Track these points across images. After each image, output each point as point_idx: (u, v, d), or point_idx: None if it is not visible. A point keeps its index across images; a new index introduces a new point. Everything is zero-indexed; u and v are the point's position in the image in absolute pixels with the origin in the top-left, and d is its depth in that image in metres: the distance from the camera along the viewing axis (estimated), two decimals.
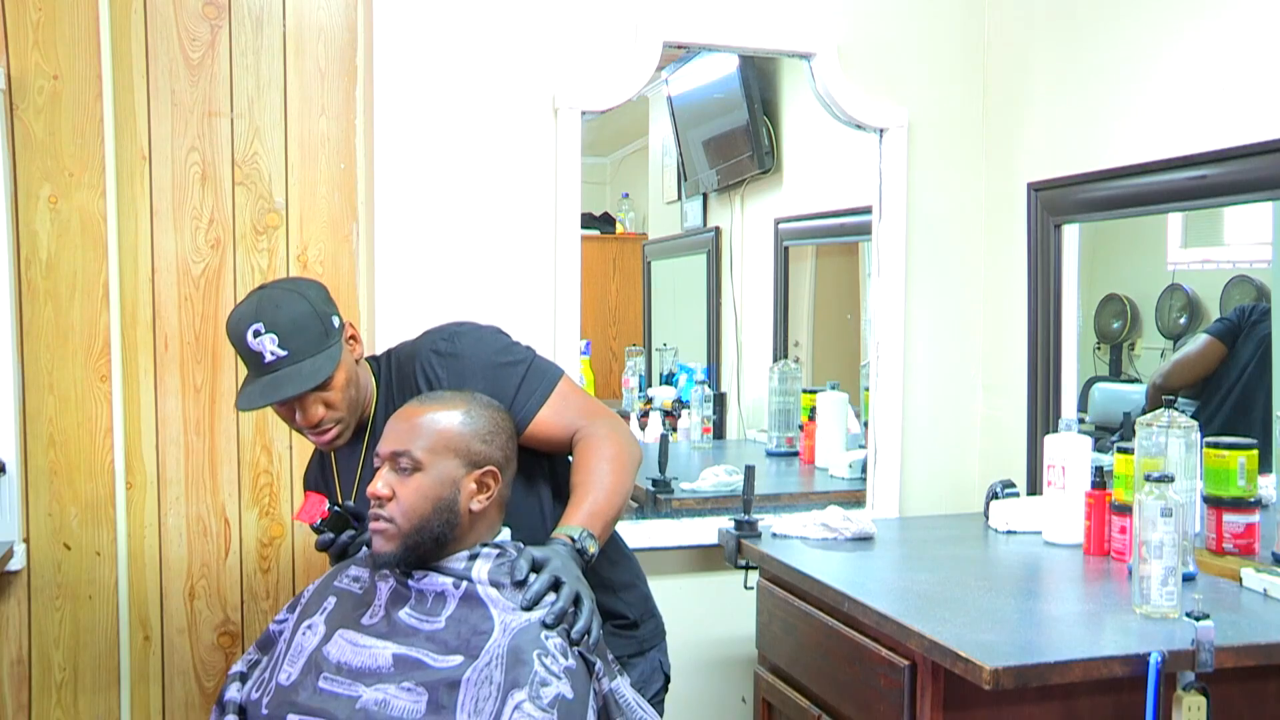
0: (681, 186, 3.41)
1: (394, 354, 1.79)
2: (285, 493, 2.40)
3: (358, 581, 1.59)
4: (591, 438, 1.66)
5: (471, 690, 1.38)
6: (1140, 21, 2.12)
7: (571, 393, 1.72)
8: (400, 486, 1.50)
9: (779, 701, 2.03)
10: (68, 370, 2.26)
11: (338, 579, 1.61)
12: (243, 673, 1.61)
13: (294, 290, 1.66)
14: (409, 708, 1.38)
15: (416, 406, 1.56)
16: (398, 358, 1.76)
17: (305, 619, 1.56)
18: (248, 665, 1.63)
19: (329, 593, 1.59)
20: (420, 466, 1.51)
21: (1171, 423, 1.83)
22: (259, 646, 1.65)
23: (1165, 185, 2.04)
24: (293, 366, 1.61)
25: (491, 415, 1.59)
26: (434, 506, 1.50)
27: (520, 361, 1.71)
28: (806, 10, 2.41)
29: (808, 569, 1.90)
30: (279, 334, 1.61)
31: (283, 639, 1.58)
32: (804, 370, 3.02)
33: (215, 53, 2.32)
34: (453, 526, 1.52)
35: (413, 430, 1.52)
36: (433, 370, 1.69)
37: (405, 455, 1.51)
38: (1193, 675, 1.49)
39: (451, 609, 1.48)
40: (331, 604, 1.57)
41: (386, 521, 1.50)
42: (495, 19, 2.25)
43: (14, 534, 2.20)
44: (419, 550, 1.51)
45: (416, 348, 1.74)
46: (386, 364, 1.78)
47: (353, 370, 1.69)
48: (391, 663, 1.43)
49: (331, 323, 1.66)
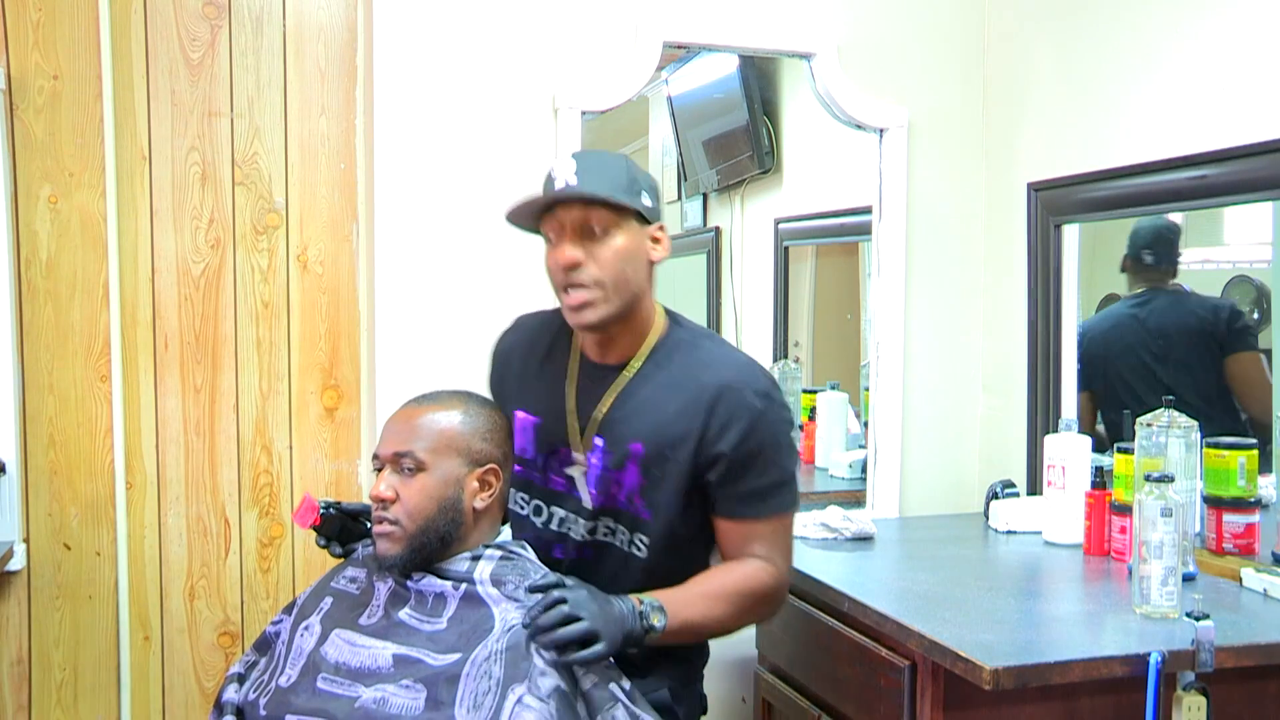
0: (681, 186, 3.40)
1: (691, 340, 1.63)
2: (285, 493, 2.40)
3: (354, 582, 1.58)
4: (752, 568, 1.56)
5: (470, 685, 1.38)
6: (1140, 21, 2.12)
7: (784, 530, 1.61)
8: (404, 488, 1.50)
9: (779, 701, 2.03)
10: (68, 370, 2.25)
11: (334, 580, 1.61)
12: (240, 674, 1.61)
13: (623, 156, 1.59)
14: (407, 704, 1.38)
15: (415, 407, 1.56)
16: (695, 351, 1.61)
17: (302, 620, 1.56)
18: (245, 667, 1.63)
19: (325, 593, 1.59)
20: (423, 467, 1.51)
21: (1171, 423, 1.83)
22: (256, 648, 1.64)
23: (1165, 185, 2.04)
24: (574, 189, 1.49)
25: (490, 414, 1.59)
26: (439, 506, 1.51)
27: (781, 468, 1.58)
28: (806, 10, 2.41)
29: (808, 569, 1.89)
30: (580, 163, 1.51)
31: (280, 641, 1.57)
32: (804, 370, 3.02)
33: (215, 53, 2.32)
34: (457, 525, 1.53)
35: (413, 431, 1.52)
36: (730, 407, 1.53)
37: (408, 456, 1.51)
38: (1193, 675, 1.49)
39: (452, 609, 1.48)
40: (328, 604, 1.57)
41: (391, 524, 1.50)
42: (495, 19, 2.25)
43: (14, 534, 2.20)
44: (425, 551, 1.51)
45: (726, 362, 1.59)
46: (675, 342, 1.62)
47: (638, 254, 1.54)
48: (392, 663, 1.43)
49: (640, 192, 1.53)
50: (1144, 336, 2.24)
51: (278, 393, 2.38)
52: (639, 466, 1.57)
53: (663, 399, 1.57)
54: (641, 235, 1.55)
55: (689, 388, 1.56)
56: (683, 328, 1.65)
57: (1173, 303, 2.23)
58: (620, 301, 1.54)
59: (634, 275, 1.54)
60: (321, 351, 2.40)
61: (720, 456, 1.54)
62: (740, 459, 1.54)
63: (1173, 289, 2.23)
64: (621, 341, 1.60)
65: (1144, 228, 2.23)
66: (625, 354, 1.61)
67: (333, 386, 2.41)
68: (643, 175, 1.57)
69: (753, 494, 1.56)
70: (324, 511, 1.64)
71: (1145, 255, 2.23)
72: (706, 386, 1.55)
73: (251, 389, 2.37)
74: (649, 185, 1.57)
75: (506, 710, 1.35)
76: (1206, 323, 2.15)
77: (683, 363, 1.59)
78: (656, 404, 1.57)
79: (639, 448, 1.56)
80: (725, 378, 1.56)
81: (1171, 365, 2.03)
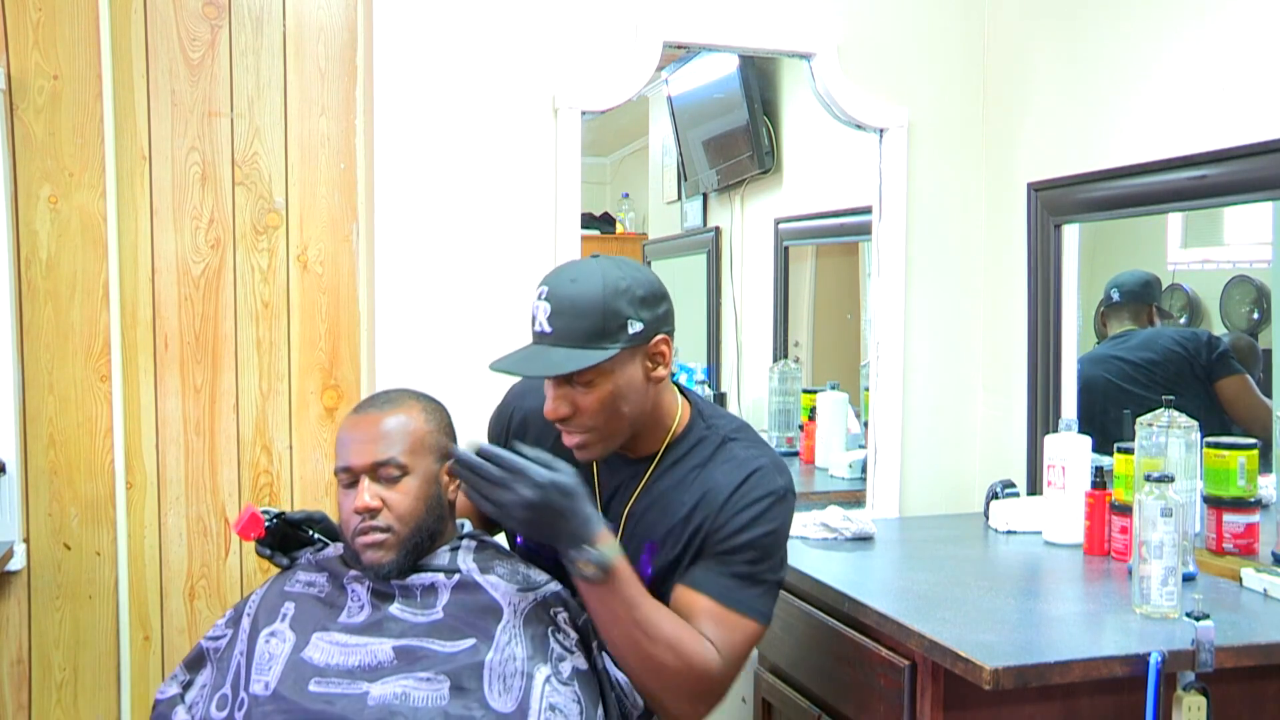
0: (681, 186, 3.40)
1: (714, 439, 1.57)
2: (285, 493, 2.40)
3: (313, 586, 1.56)
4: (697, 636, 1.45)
5: (497, 670, 1.40)
6: (1140, 21, 2.12)
7: (746, 637, 1.50)
8: (389, 495, 1.50)
9: (779, 701, 2.03)
10: (68, 370, 2.26)
11: (288, 585, 1.57)
12: (179, 695, 1.56)
13: (604, 274, 1.46)
14: (431, 695, 1.39)
15: (373, 413, 1.55)
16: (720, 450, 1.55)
17: (265, 628, 1.51)
18: (182, 687, 1.58)
19: (284, 599, 1.55)
20: (407, 470, 1.51)
21: (1171, 423, 1.83)
22: (187, 666, 1.59)
23: (1165, 185, 2.04)
24: (548, 348, 1.45)
25: (439, 406, 1.62)
26: (426, 506, 1.52)
27: (769, 567, 1.51)
28: (806, 10, 2.41)
29: (808, 569, 1.89)
30: (553, 306, 1.45)
31: (238, 653, 1.52)
32: (804, 370, 3.02)
33: (215, 53, 2.32)
34: (442, 520, 1.55)
35: (386, 438, 1.52)
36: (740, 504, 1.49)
37: (389, 464, 1.51)
38: (1193, 675, 1.49)
39: (446, 598, 1.49)
40: (292, 609, 1.53)
41: (382, 532, 1.49)
42: (495, 19, 2.25)
43: (14, 534, 2.20)
44: (418, 552, 1.52)
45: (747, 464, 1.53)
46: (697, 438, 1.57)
47: (631, 388, 1.48)
48: (394, 656, 1.43)
49: (620, 325, 1.45)
50: (1128, 370, 2.26)
51: (278, 393, 2.38)
52: (652, 563, 1.57)
53: (680, 498, 1.54)
54: (635, 364, 1.48)
55: (706, 486, 1.53)
56: (705, 422, 1.59)
57: (1152, 336, 2.27)
58: (621, 436, 1.52)
59: (631, 408, 1.50)
60: (321, 351, 2.40)
61: (717, 543, 1.50)
62: (733, 547, 1.49)
63: (1148, 327, 2.29)
64: (641, 443, 1.58)
65: (1124, 280, 2.32)
66: (645, 450, 1.58)
67: (333, 386, 2.41)
68: (630, 291, 1.46)
69: (725, 575, 1.49)
70: (270, 523, 1.61)
71: (1124, 302, 2.30)
72: (726, 484, 1.51)
73: (251, 389, 2.37)
74: (641, 296, 1.47)
75: (537, 690, 1.39)
76: (1188, 353, 2.18)
77: (703, 461, 1.55)
78: (673, 504, 1.54)
79: (654, 547, 1.56)
80: (742, 474, 1.52)
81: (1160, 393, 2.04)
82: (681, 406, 1.59)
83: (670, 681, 1.45)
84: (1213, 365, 2.12)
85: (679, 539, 1.53)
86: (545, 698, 1.39)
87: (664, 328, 1.50)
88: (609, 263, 1.48)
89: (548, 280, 1.49)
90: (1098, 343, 2.35)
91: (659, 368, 1.51)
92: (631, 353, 1.47)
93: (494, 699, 1.38)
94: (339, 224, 2.40)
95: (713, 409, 1.64)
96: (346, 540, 1.54)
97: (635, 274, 1.48)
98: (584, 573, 1.41)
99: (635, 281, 1.47)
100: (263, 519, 1.60)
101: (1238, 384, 2.08)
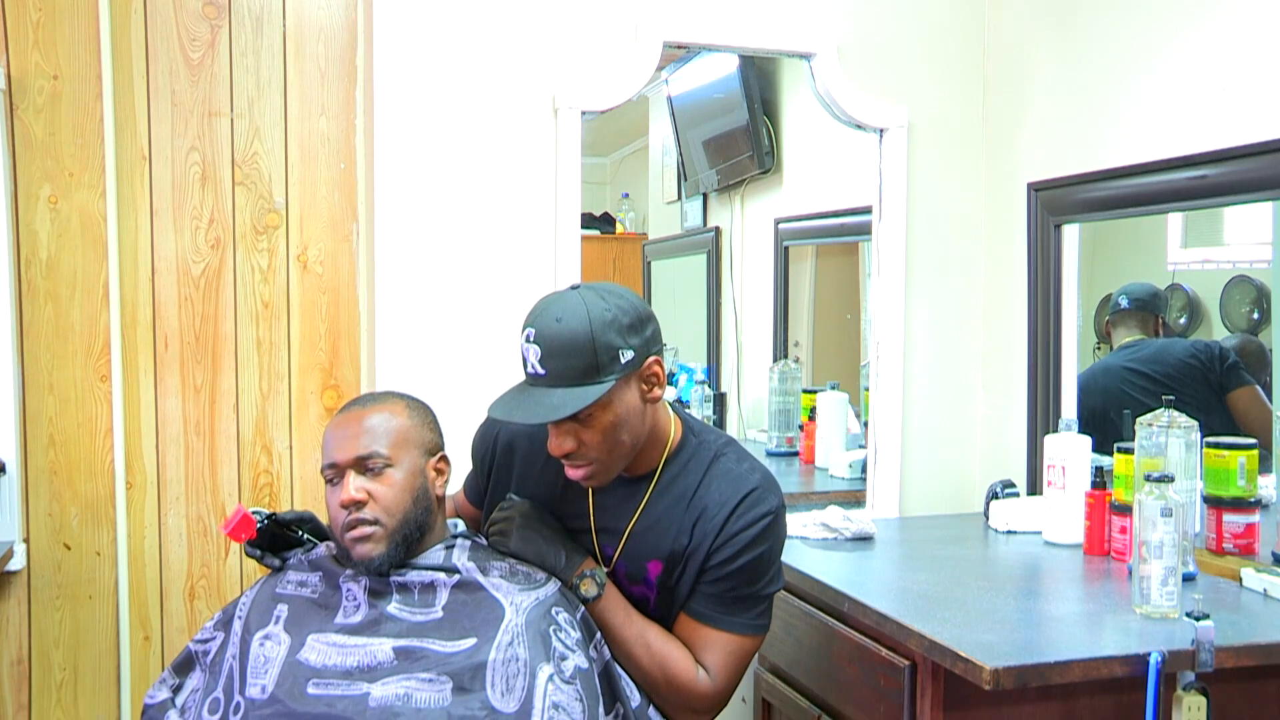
0: (681, 186, 3.40)
1: (706, 454, 1.59)
2: (285, 493, 2.40)
3: (305, 586, 1.56)
4: (690, 664, 1.54)
5: (500, 669, 1.40)
6: (1140, 22, 2.12)
7: (744, 653, 1.57)
8: (374, 487, 1.51)
9: (779, 701, 2.03)
10: (68, 370, 2.26)
11: (279, 586, 1.57)
12: (170, 699, 1.56)
13: (589, 307, 1.44)
14: (433, 696, 1.39)
15: (358, 411, 1.56)
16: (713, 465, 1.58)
17: (257, 631, 1.51)
18: (171, 691, 1.58)
19: (277, 602, 1.54)
20: (391, 463, 1.52)
21: (1171, 423, 1.83)
22: (176, 670, 1.59)
23: (1165, 185, 2.04)
24: (544, 390, 1.44)
25: (423, 404, 1.63)
26: (413, 497, 1.53)
27: (767, 583, 1.56)
28: (806, 10, 2.41)
29: (808, 569, 1.89)
30: (543, 348, 1.44)
31: (230, 656, 1.52)
32: (804, 370, 3.02)
33: (215, 53, 2.32)
34: (430, 513, 1.56)
35: (369, 433, 1.53)
36: (737, 524, 1.52)
37: (373, 456, 1.51)
38: (1193, 675, 1.49)
39: (445, 597, 1.49)
40: (285, 612, 1.53)
41: (370, 525, 1.49)
42: (495, 19, 2.25)
43: (14, 534, 2.20)
44: (407, 544, 1.52)
45: (742, 480, 1.56)
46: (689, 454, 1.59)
47: (630, 414, 1.49)
48: (393, 656, 1.43)
49: (612, 356, 1.44)
50: (1147, 385, 2.25)
51: (278, 393, 2.38)
52: (656, 584, 1.58)
53: (679, 518, 1.56)
54: (631, 389, 1.49)
55: (704, 504, 1.55)
56: (697, 437, 1.61)
57: (1165, 347, 2.26)
58: (624, 460, 1.53)
59: (632, 434, 1.50)
60: (321, 351, 2.40)
61: (716, 566, 1.53)
62: (731, 572, 1.53)
63: (1155, 337, 2.28)
64: (639, 462, 1.58)
65: (1134, 289, 2.32)
66: (643, 468, 1.59)
67: (333, 386, 2.41)
68: (617, 320, 1.45)
69: (723, 599, 1.54)
70: (261, 524, 1.61)
71: (1133, 310, 2.30)
72: (722, 504, 1.54)
73: (251, 389, 2.37)
74: (628, 324, 1.46)
75: (540, 689, 1.38)
76: (1203, 365, 2.17)
77: (698, 478, 1.57)
78: (673, 524, 1.56)
79: (657, 565, 1.58)
80: (737, 494, 1.54)
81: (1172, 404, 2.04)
82: (674, 422, 1.61)
83: (664, 696, 1.57)
84: (1225, 377, 2.12)
85: (679, 557, 1.56)
86: (548, 696, 1.39)
87: (654, 349, 1.50)
88: (590, 294, 1.47)
89: (532, 322, 1.47)
90: (1097, 345, 2.35)
91: (654, 389, 1.51)
92: (626, 380, 1.48)
93: (497, 699, 1.38)
94: (339, 224, 2.40)
95: (698, 423, 1.66)
96: (336, 538, 1.54)
97: (618, 301, 1.47)
98: (585, 594, 1.55)
99: (619, 309, 1.46)
100: (254, 520, 1.60)
101: (1248, 395, 2.08)
